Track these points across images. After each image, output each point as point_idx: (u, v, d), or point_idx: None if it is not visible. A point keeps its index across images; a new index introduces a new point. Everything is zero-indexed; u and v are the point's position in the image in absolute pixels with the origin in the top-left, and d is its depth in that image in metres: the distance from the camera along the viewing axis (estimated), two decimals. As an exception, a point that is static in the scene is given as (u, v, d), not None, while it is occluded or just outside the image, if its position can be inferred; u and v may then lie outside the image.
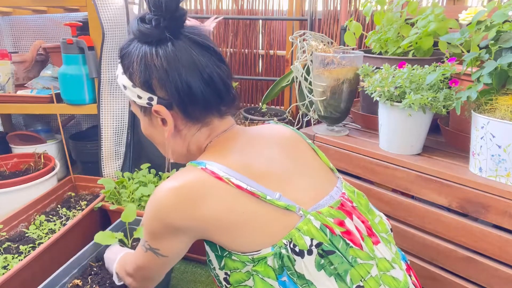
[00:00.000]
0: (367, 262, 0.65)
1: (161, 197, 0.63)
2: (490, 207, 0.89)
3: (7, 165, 1.69)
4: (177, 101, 0.68)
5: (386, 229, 0.75)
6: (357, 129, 1.35)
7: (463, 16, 1.04)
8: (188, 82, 0.66)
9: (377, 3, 1.29)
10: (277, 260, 0.61)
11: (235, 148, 0.71)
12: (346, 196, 0.72)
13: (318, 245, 0.62)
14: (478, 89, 0.89)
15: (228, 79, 0.71)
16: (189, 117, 0.71)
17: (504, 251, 0.88)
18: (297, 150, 0.77)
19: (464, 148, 1.08)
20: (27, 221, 1.38)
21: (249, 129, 0.78)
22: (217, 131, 0.73)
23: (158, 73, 0.66)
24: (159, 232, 0.66)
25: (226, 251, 0.65)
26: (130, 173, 1.64)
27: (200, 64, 0.67)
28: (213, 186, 0.62)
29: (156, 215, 0.64)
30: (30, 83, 1.87)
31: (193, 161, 0.68)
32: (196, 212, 0.62)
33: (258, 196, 0.63)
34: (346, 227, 0.65)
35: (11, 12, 1.95)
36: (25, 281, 1.07)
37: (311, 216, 0.64)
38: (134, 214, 1.21)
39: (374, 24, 1.52)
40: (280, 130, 0.80)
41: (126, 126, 1.78)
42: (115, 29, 1.63)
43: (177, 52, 0.66)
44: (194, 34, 0.69)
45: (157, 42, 0.67)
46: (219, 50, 0.71)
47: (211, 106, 0.70)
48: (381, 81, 1.04)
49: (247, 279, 0.65)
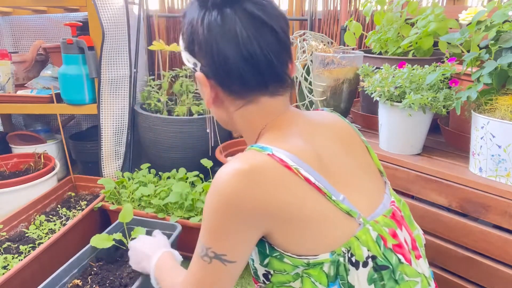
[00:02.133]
0: (413, 280, 0.61)
1: (226, 181, 0.56)
2: (490, 207, 0.89)
3: (7, 165, 1.69)
4: (214, 73, 0.63)
5: (422, 243, 0.71)
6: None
7: (463, 16, 1.04)
8: (225, 56, 0.61)
9: (377, 3, 1.29)
10: (333, 267, 0.58)
11: (298, 132, 0.65)
12: (396, 205, 0.68)
13: (373, 258, 0.58)
14: (478, 89, 0.89)
15: (278, 59, 0.63)
16: (228, 91, 0.65)
17: (504, 251, 0.88)
18: (354, 147, 0.71)
19: (464, 148, 1.08)
20: (27, 221, 1.38)
21: (306, 114, 0.71)
22: (271, 112, 0.66)
23: (199, 40, 0.62)
24: (225, 227, 0.57)
25: (277, 252, 0.60)
26: (130, 173, 1.64)
27: (242, 38, 0.60)
28: (282, 175, 0.56)
29: (220, 204, 0.56)
30: (30, 83, 1.87)
31: (254, 145, 0.62)
32: (265, 200, 0.55)
33: (324, 194, 0.58)
34: (398, 239, 0.62)
35: (11, 12, 1.95)
36: (25, 281, 1.07)
37: (369, 225, 0.60)
38: (131, 214, 1.21)
39: (374, 24, 1.52)
40: (338, 122, 0.74)
41: (126, 126, 1.78)
42: (115, 29, 1.63)
43: (221, 22, 0.60)
44: (252, 2, 0.62)
45: (209, 8, 0.62)
46: (282, 26, 0.63)
47: (252, 84, 0.63)
48: (381, 81, 1.04)
49: (293, 280, 0.61)
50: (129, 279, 1.06)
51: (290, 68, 0.67)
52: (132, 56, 1.73)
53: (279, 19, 0.63)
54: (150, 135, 1.71)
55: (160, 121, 1.66)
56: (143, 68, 2.01)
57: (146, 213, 1.39)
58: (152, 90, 1.84)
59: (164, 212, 1.41)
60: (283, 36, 0.63)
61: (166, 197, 1.42)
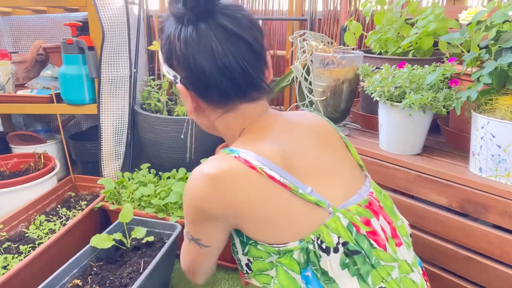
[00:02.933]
0: (389, 264, 0.64)
1: (195, 185, 0.63)
2: (490, 207, 0.89)
3: (7, 165, 1.69)
4: (193, 85, 0.68)
5: (407, 233, 0.74)
6: (357, 129, 1.35)
7: (463, 16, 1.04)
8: (202, 70, 0.64)
9: (377, 3, 1.29)
10: (303, 254, 0.61)
11: (270, 135, 0.69)
12: (374, 196, 0.71)
13: (344, 243, 0.61)
14: (478, 89, 0.89)
15: (254, 69, 0.67)
16: (208, 101, 0.69)
17: (504, 251, 0.88)
18: (331, 143, 0.75)
19: (464, 148, 1.08)
20: (27, 221, 1.38)
21: (284, 114, 0.76)
22: (249, 117, 0.71)
23: (177, 55, 0.66)
24: (197, 220, 0.66)
25: (251, 240, 0.65)
26: (130, 173, 1.64)
27: (218, 52, 0.63)
28: (246, 175, 0.61)
29: (191, 202, 0.64)
30: (30, 83, 1.87)
31: (226, 148, 0.67)
32: (229, 201, 0.61)
33: (290, 189, 0.62)
34: (372, 227, 0.65)
35: (11, 12, 1.95)
36: (25, 281, 1.07)
37: (340, 213, 0.63)
38: (131, 214, 1.21)
39: (374, 24, 1.52)
40: (316, 120, 0.78)
41: (126, 126, 1.78)
42: (115, 29, 1.63)
43: (196, 37, 0.64)
44: (226, 16, 0.65)
45: (183, 22, 0.65)
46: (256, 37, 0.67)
47: (230, 94, 0.68)
48: (381, 81, 1.04)
49: (270, 268, 0.65)
50: (129, 279, 1.06)
51: (267, 74, 0.71)
52: (132, 56, 1.73)
53: (253, 30, 0.67)
54: (150, 135, 1.71)
55: (160, 121, 1.66)
56: (143, 68, 2.01)
57: (146, 213, 1.39)
58: (152, 90, 1.84)
59: (164, 212, 1.41)
60: (257, 46, 0.67)
61: (166, 197, 1.42)
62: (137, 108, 1.78)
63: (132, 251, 1.21)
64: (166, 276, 1.24)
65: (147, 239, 1.21)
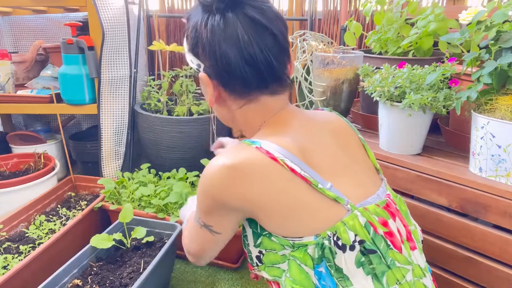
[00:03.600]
0: (404, 267, 0.64)
1: (212, 174, 0.62)
2: (490, 207, 0.89)
3: (7, 165, 1.69)
4: (217, 74, 0.68)
5: (418, 239, 0.74)
6: (357, 129, 1.35)
7: (463, 16, 1.04)
8: (227, 58, 0.65)
9: (377, 3, 1.29)
10: (318, 250, 0.61)
11: (291, 129, 0.69)
12: (391, 198, 0.71)
13: (361, 242, 0.61)
14: (478, 89, 0.89)
15: (278, 60, 0.68)
16: (230, 91, 0.69)
17: (504, 251, 0.88)
18: (349, 143, 0.75)
19: (464, 148, 1.08)
20: (27, 221, 1.38)
21: (304, 111, 0.76)
22: (270, 110, 0.71)
23: (203, 43, 0.66)
24: (211, 208, 0.66)
25: (266, 231, 0.65)
26: (130, 173, 1.64)
27: (243, 41, 0.64)
28: (267, 167, 0.61)
29: (207, 191, 0.64)
30: (30, 83, 1.87)
31: (247, 139, 0.67)
32: (248, 192, 0.61)
33: (310, 183, 0.62)
34: (389, 228, 0.65)
35: (11, 12, 1.95)
36: (25, 281, 1.07)
37: (358, 211, 0.63)
38: (131, 214, 1.21)
39: (374, 24, 1.52)
40: (335, 119, 0.78)
41: (126, 126, 1.78)
42: (115, 29, 1.63)
43: (223, 26, 0.64)
44: (253, 7, 0.66)
45: (212, 11, 0.66)
46: (281, 29, 0.68)
47: (253, 85, 0.68)
48: (381, 81, 1.04)
49: (282, 262, 0.65)
50: (129, 279, 1.06)
51: (289, 68, 0.72)
52: (132, 56, 1.73)
53: (278, 23, 0.68)
54: (150, 135, 1.71)
55: (160, 121, 1.66)
56: (143, 68, 2.01)
57: (146, 213, 1.39)
58: (152, 90, 1.84)
59: (164, 212, 1.41)
60: (282, 38, 0.68)
61: (166, 197, 1.42)
62: (137, 108, 1.78)
63: (132, 251, 1.21)
64: (166, 276, 1.24)
65: (147, 239, 1.21)
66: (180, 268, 1.40)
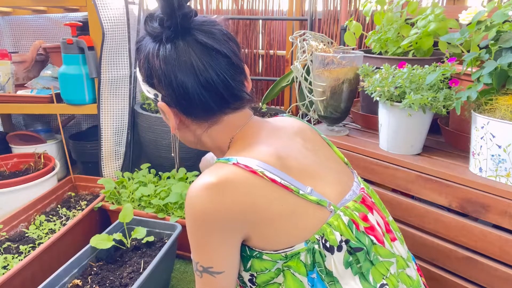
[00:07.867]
0: (388, 260, 0.65)
1: (198, 195, 0.60)
2: (490, 207, 0.89)
3: (7, 165, 1.69)
4: (176, 103, 0.68)
5: (397, 228, 0.75)
6: (357, 129, 1.35)
7: (463, 16, 1.03)
8: (185, 87, 0.65)
9: (377, 3, 1.29)
10: (309, 255, 0.61)
11: (261, 139, 0.69)
12: (365, 191, 0.72)
13: (346, 241, 0.62)
14: (478, 89, 0.89)
15: (235, 80, 0.68)
16: (192, 117, 0.69)
17: (504, 251, 0.88)
18: (317, 143, 0.76)
19: (464, 148, 1.08)
20: (27, 221, 1.38)
21: (268, 120, 0.77)
22: (235, 127, 0.71)
23: (157, 73, 0.66)
24: (206, 240, 0.61)
25: (255, 251, 0.64)
26: (130, 173, 1.64)
27: (198, 68, 0.64)
28: (249, 180, 0.60)
29: (195, 218, 0.60)
30: (30, 83, 1.87)
31: (220, 158, 0.66)
32: (238, 201, 0.60)
33: (291, 190, 0.62)
34: (369, 222, 0.66)
35: (11, 12, 1.95)
36: (25, 281, 1.08)
37: (340, 211, 0.64)
38: (131, 214, 1.21)
39: (374, 24, 1.52)
40: (298, 123, 0.79)
41: (126, 126, 1.78)
42: (115, 29, 1.63)
43: (176, 55, 0.64)
44: (202, 32, 0.66)
45: (161, 41, 0.65)
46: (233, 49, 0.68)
47: (214, 108, 0.68)
48: (381, 81, 1.04)
49: (276, 276, 0.64)
50: (129, 279, 1.06)
51: (246, 85, 0.72)
52: (132, 56, 1.73)
53: (230, 43, 0.68)
54: (150, 135, 1.71)
55: (160, 121, 1.66)
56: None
57: (146, 213, 1.39)
58: (152, 90, 1.84)
59: (164, 212, 1.41)
60: (235, 59, 0.68)
61: (166, 197, 1.42)
62: (137, 108, 1.78)
63: (132, 251, 1.21)
64: (166, 276, 1.24)
65: (147, 239, 1.21)
66: (180, 268, 1.40)
